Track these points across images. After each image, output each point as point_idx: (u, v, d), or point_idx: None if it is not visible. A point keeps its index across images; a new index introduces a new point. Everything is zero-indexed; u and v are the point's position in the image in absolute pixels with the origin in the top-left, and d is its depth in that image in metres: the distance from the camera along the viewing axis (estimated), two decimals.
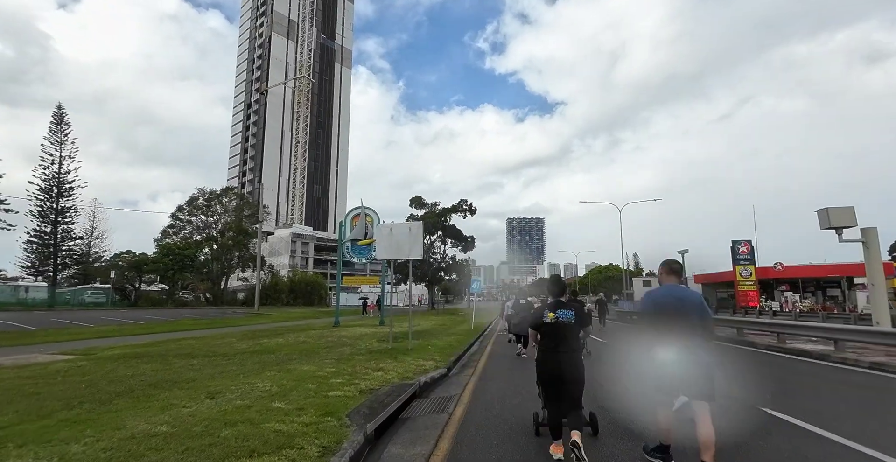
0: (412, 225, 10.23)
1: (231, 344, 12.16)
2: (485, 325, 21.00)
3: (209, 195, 48.71)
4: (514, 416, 4.97)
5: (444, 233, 42.84)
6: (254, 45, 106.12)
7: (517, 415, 5.01)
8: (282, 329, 18.43)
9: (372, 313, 30.06)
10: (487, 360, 9.87)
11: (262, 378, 6.40)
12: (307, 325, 21.40)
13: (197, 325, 22.21)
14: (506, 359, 10.08)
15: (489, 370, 8.33)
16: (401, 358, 8.59)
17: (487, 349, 11.95)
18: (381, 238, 10.45)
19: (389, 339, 10.97)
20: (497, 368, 8.61)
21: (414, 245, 10.12)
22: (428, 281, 43.27)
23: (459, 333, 15.47)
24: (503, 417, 4.89)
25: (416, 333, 15.25)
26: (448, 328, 18.24)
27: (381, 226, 10.74)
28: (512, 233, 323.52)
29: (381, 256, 10.54)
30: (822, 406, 5.58)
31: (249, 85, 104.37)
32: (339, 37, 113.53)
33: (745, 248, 52.98)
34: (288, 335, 14.69)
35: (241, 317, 30.30)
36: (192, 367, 7.82)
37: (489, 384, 6.86)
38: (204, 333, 16.82)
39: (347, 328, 17.86)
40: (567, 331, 3.61)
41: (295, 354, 9.36)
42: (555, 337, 3.63)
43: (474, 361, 9.55)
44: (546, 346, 3.68)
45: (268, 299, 50.62)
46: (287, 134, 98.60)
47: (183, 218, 48.36)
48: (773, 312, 28.59)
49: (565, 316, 3.61)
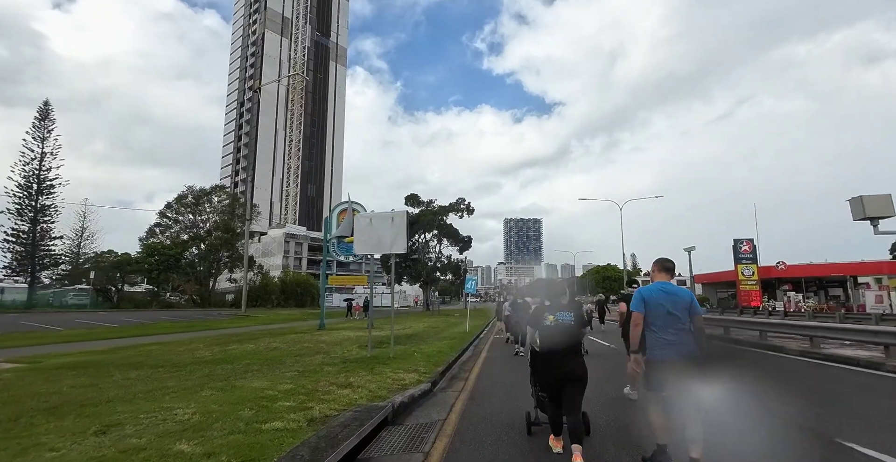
0: (395, 214, 8.88)
1: (194, 351, 10.83)
2: (481, 328, 19.67)
3: (198, 193, 47.13)
4: (514, 452, 3.66)
5: (440, 232, 41.50)
6: (247, 42, 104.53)
7: (519, 449, 3.71)
8: (260, 333, 17.05)
9: (357, 315, 28.44)
10: (482, 369, 8.52)
11: (192, 400, 5.04)
12: (290, 328, 20.02)
13: (173, 328, 20.83)
14: (503, 368, 8.74)
15: (483, 383, 6.99)
16: (378, 369, 7.23)
17: (482, 355, 10.61)
18: (360, 230, 9.09)
19: (369, 345, 9.58)
20: (492, 381, 7.27)
21: (397, 238, 8.77)
22: (423, 281, 41.86)
23: (452, 337, 14.13)
24: (499, 458, 3.56)
25: (405, 337, 13.91)
26: (440, 331, 16.90)
27: (360, 216, 9.38)
28: (509, 233, 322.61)
29: (360, 251, 9.18)
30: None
31: (243, 83, 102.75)
32: (333, 34, 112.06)
33: (747, 247, 51.91)
34: (263, 340, 13.33)
35: (224, 319, 28.86)
36: (123, 383, 6.48)
37: (482, 405, 5.50)
38: (174, 338, 15.49)
39: (331, 332, 16.49)
40: (568, 332, 3.63)
41: (256, 365, 7.99)
42: (557, 339, 3.64)
43: (466, 371, 8.21)
44: (547, 348, 3.70)
45: (257, 301, 49.11)
46: (281, 132, 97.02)
47: (170, 216, 46.77)
48: (785, 313, 27.41)
49: (565, 318, 3.66)
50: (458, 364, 9.14)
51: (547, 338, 3.71)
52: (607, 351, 11.62)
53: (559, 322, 3.66)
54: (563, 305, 3.78)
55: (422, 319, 26.40)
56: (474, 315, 31.44)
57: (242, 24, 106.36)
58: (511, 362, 9.34)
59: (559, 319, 3.67)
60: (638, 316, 3.39)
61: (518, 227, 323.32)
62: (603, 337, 15.03)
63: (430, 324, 21.63)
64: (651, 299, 3.38)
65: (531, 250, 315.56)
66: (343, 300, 31.66)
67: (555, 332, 3.66)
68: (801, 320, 16.33)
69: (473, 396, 5.98)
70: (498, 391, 6.39)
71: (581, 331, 3.75)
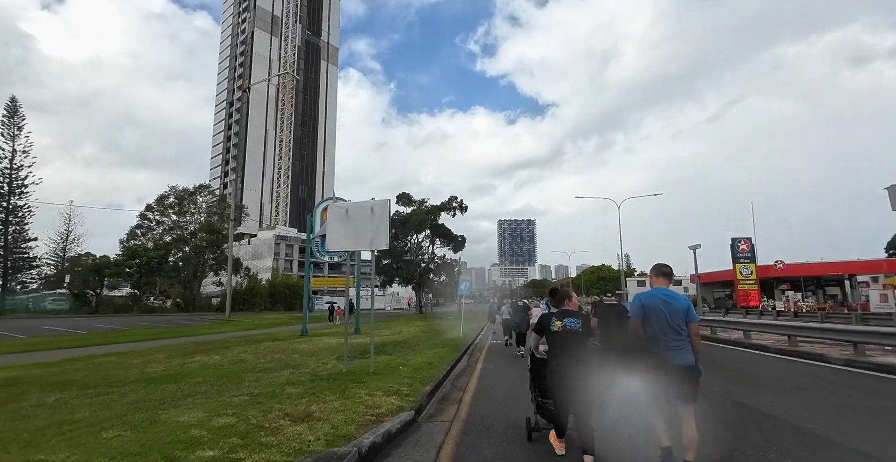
0: (375, 204, 7.56)
1: (148, 364, 9.47)
2: (476, 332, 18.37)
3: (181, 193, 45.36)
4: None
5: (432, 232, 40.16)
6: (236, 41, 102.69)
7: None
8: (235, 340, 15.64)
9: (339, 320, 26.80)
10: (478, 386, 7.22)
11: (80, 446, 3.68)
12: (271, 334, 18.60)
13: (145, 335, 19.35)
14: (503, 384, 7.43)
15: (480, 409, 5.66)
16: (352, 391, 5.90)
17: (478, 367, 9.30)
18: (334, 222, 7.77)
19: (345, 358, 8.21)
20: (492, 403, 5.95)
21: (378, 232, 7.45)
22: (416, 283, 40.47)
23: (445, 345, 12.82)
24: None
25: (393, 345, 12.59)
26: (432, 337, 15.58)
27: (335, 206, 8.03)
28: (503, 234, 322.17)
29: (334, 247, 7.85)
30: None
31: (232, 82, 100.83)
32: (325, 34, 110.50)
33: (745, 246, 51.15)
34: (233, 349, 11.95)
35: (205, 324, 27.32)
36: (25, 413, 5.18)
37: (480, 445, 4.18)
38: (139, 347, 14.10)
39: (312, 339, 15.12)
40: (574, 339, 3.60)
41: (206, 385, 6.63)
42: (562, 345, 3.61)
43: (459, 390, 6.90)
44: (554, 354, 3.66)
45: (244, 304, 47.43)
46: (271, 133, 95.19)
47: (152, 218, 44.96)
48: (795, 314, 26.40)
49: (572, 324, 3.61)
50: (450, 379, 7.83)
51: (554, 344, 3.66)
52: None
53: (567, 328, 3.60)
54: (570, 312, 3.73)
55: (414, 323, 25.05)
56: (469, 318, 30.08)
57: (231, 22, 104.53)
58: (511, 375, 8.06)
59: (567, 326, 3.61)
60: (636, 320, 3.41)
61: (512, 228, 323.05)
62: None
63: (421, 328, 20.30)
64: (649, 305, 3.36)
65: (525, 252, 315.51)
66: (325, 303, 29.80)
67: (562, 338, 3.61)
68: (832, 324, 15.23)
69: (469, 430, 4.65)
70: (499, 417, 5.07)
71: (588, 338, 3.68)
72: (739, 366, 9.45)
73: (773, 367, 9.25)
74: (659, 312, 3.30)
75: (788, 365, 9.37)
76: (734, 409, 5.48)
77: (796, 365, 9.33)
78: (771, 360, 10.11)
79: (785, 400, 5.98)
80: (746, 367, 9.35)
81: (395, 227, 38.62)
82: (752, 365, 9.56)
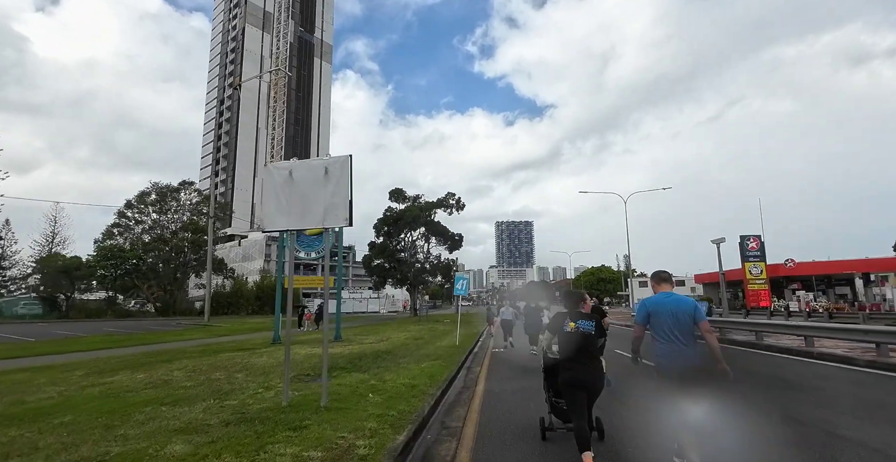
0: (331, 163, 5.24)
1: (47, 386, 7.25)
2: (475, 339, 16.03)
3: (163, 190, 42.82)
4: None
5: (427, 229, 37.81)
6: (227, 38, 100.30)
7: None
8: (193, 350, 13.27)
9: (309, 326, 23.85)
10: (479, 421, 4.89)
11: None
12: (240, 342, 16.22)
13: (103, 343, 17.00)
14: (515, 416, 5.08)
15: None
16: (273, 448, 3.58)
17: (479, 389, 6.97)
18: (272, 191, 5.45)
19: (285, 390, 5.76)
20: (507, 457, 3.66)
21: (335, 201, 5.15)
22: (409, 284, 38.06)
23: (437, 354, 10.51)
24: None
25: (373, 357, 10.27)
26: (424, 344, 13.26)
27: (275, 166, 5.67)
28: (501, 236, 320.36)
29: (271, 227, 5.50)
30: None
31: (223, 80, 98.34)
32: (318, 30, 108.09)
33: (755, 244, 49.15)
34: (176, 363, 9.65)
35: (175, 330, 24.88)
36: None
37: None
38: (78, 358, 11.94)
39: (281, 349, 12.76)
40: (587, 340, 3.62)
41: (63, 430, 4.30)
42: (576, 346, 3.62)
43: (452, 435, 4.57)
44: (568, 355, 3.67)
45: (229, 308, 44.90)
46: (262, 131, 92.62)
47: (131, 216, 42.39)
48: (808, 314, 24.23)
49: (586, 326, 3.65)
50: (439, 412, 5.51)
51: (565, 344, 3.70)
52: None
53: (579, 330, 3.64)
54: (583, 314, 3.77)
55: (406, 327, 22.70)
56: (466, 321, 27.75)
57: (222, 19, 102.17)
58: (527, 400, 5.77)
59: (580, 327, 3.64)
60: (639, 328, 3.57)
61: (510, 230, 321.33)
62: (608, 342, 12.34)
63: (413, 334, 17.96)
64: (655, 310, 3.45)
65: (523, 253, 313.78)
66: (297, 307, 26.06)
67: (574, 339, 3.64)
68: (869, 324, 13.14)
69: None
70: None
71: (600, 340, 3.72)
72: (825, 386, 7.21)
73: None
74: (666, 316, 3.36)
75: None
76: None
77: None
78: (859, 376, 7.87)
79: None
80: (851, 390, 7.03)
81: (388, 224, 36.28)
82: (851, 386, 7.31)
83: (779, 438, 4.17)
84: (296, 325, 22.80)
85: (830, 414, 5.09)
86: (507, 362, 10.12)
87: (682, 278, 78.22)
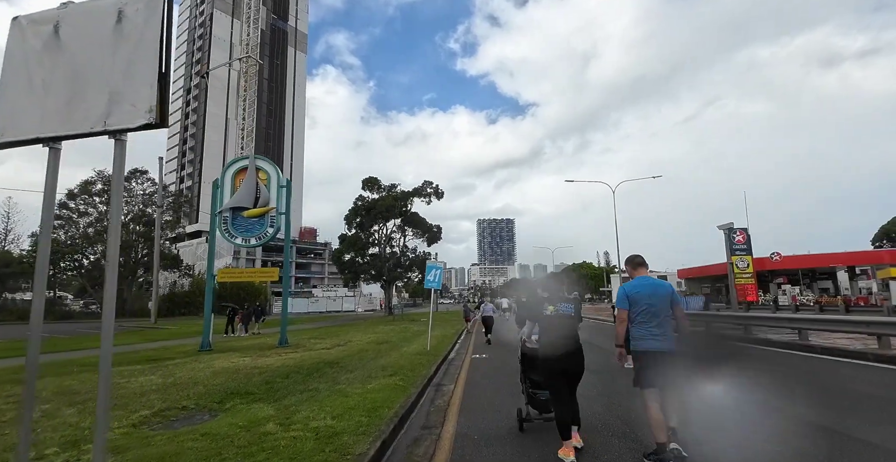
0: (126, 2, 2.54)
1: None
2: (452, 340, 13.39)
3: (110, 178, 38.81)
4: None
5: (403, 221, 35.01)
6: (194, 23, 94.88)
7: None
8: (93, 361, 10.26)
9: (238, 330, 19.29)
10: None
11: None
12: (164, 349, 13.20)
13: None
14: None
15: None
16: None
17: (448, 430, 4.34)
18: (21, 62, 2.68)
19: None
20: None
21: (128, 82, 2.42)
22: (384, 280, 35.18)
23: (398, 366, 7.85)
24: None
25: (310, 371, 7.54)
26: (387, 351, 10.58)
27: (26, 18, 2.94)
28: (483, 234, 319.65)
29: (13, 133, 2.77)
30: None
31: (189, 68, 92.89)
32: (292, 18, 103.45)
33: (742, 237, 47.84)
34: (12, 388, 6.69)
35: (114, 333, 21.51)
36: None
37: None
38: None
39: (201, 359, 9.88)
40: (566, 323, 3.62)
41: None
42: (558, 330, 3.61)
43: None
44: (550, 339, 3.62)
45: (187, 308, 41.13)
46: (232, 122, 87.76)
47: (74, 207, 38.20)
48: (796, 307, 22.58)
49: (566, 309, 3.65)
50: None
51: (547, 328, 3.69)
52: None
53: (560, 313, 3.62)
54: (563, 297, 3.75)
55: (374, 328, 19.95)
56: (444, 320, 25.06)
57: (190, 3, 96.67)
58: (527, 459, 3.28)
59: (560, 310, 3.63)
60: (623, 312, 3.46)
61: (491, 227, 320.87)
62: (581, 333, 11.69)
63: (379, 336, 15.25)
64: (634, 294, 3.42)
65: (504, 251, 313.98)
66: (222, 306, 21.00)
67: (555, 322, 3.62)
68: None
69: None
70: None
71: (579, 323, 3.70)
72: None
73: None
74: (644, 300, 3.36)
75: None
76: None
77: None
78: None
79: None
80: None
81: (360, 214, 33.33)
82: None
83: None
84: (225, 329, 19.68)
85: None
86: (492, 376, 7.53)
87: (665, 273, 77.78)
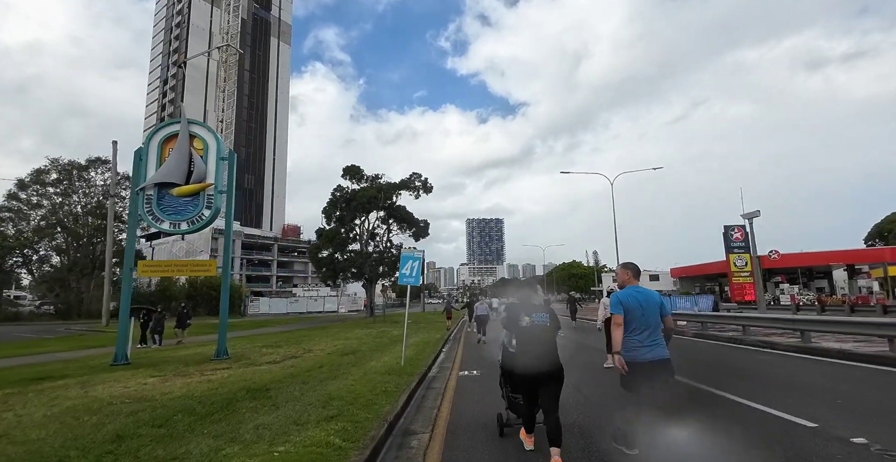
0: None
1: None
2: (435, 349, 10.87)
3: (66, 167, 35.42)
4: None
5: (388, 214, 32.43)
6: (172, 12, 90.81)
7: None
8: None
9: (150, 340, 14.84)
10: None
11: None
12: (78, 360, 10.49)
13: None
14: None
15: None
16: None
17: None
18: None
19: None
20: None
21: None
22: (366, 278, 32.54)
23: (354, 395, 5.32)
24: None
25: (228, 401, 4.90)
26: (348, 367, 8.04)
27: None
28: (472, 233, 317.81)
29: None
30: None
31: (167, 58, 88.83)
32: (275, 8, 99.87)
33: (740, 235, 46.25)
34: None
35: (45, 338, 18.63)
36: None
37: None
38: None
39: (96, 378, 7.21)
40: (543, 333, 3.62)
41: None
42: (531, 339, 3.62)
43: None
44: (524, 348, 3.62)
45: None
46: (211, 114, 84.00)
47: (25, 198, 34.80)
48: (797, 307, 20.74)
49: (540, 319, 3.64)
50: None
51: (523, 339, 3.66)
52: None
53: (535, 323, 3.62)
54: (537, 307, 3.77)
55: (348, 333, 17.36)
56: (428, 322, 22.48)
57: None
58: None
59: (535, 320, 3.63)
60: (618, 317, 3.43)
61: (481, 227, 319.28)
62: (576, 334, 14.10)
63: (349, 343, 12.67)
64: (627, 303, 3.43)
65: (493, 250, 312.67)
66: (139, 308, 14.98)
67: (531, 332, 3.61)
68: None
69: None
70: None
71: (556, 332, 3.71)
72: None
73: None
74: (636, 310, 3.38)
75: None
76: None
77: None
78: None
79: None
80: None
81: (339, 207, 30.63)
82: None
83: None
84: (140, 338, 14.75)
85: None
86: (488, 410, 4.95)
87: (657, 272, 76.33)
